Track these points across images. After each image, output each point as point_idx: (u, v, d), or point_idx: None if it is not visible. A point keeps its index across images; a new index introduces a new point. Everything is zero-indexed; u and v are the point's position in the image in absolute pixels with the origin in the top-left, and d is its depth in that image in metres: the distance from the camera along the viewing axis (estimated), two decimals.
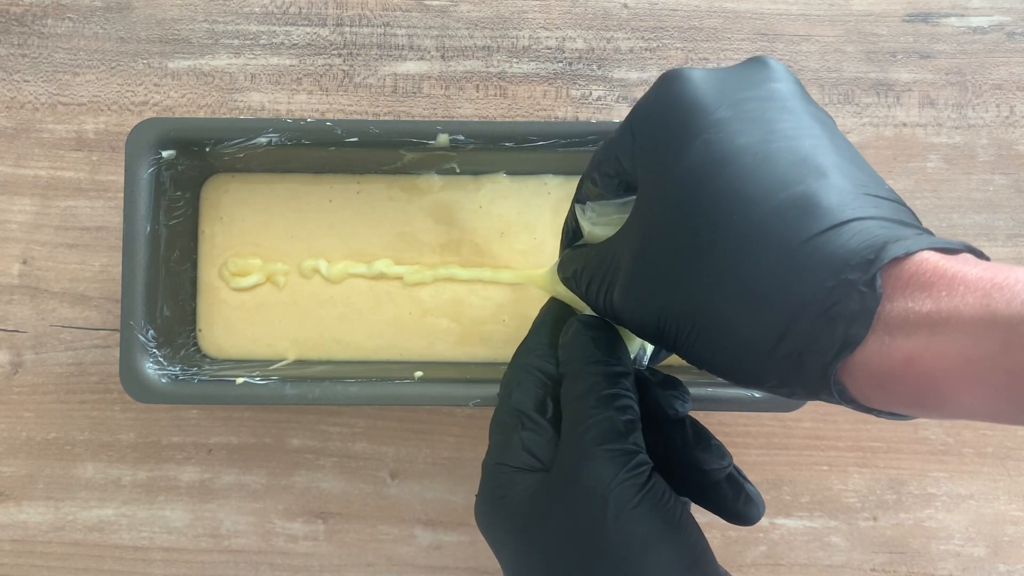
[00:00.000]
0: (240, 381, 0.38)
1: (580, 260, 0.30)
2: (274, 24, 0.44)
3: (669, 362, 0.38)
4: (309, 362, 0.41)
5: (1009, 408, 0.20)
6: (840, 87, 0.44)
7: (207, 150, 0.39)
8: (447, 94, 0.44)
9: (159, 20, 0.44)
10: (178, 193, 0.40)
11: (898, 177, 0.43)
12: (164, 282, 0.39)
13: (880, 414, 0.23)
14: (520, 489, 0.28)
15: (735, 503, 0.29)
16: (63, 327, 0.43)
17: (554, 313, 0.33)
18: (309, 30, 0.44)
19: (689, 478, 0.29)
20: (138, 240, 0.37)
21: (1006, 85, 0.44)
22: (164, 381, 0.38)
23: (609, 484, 0.26)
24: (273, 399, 0.37)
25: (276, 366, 0.40)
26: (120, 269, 0.38)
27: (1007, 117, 0.44)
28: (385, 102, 0.44)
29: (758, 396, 0.37)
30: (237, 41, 0.44)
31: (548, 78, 0.44)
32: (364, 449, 0.43)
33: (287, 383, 0.38)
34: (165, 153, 0.38)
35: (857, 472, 0.43)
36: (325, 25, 0.44)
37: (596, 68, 0.44)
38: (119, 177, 0.43)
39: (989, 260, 0.22)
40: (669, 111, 0.26)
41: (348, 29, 0.44)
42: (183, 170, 0.40)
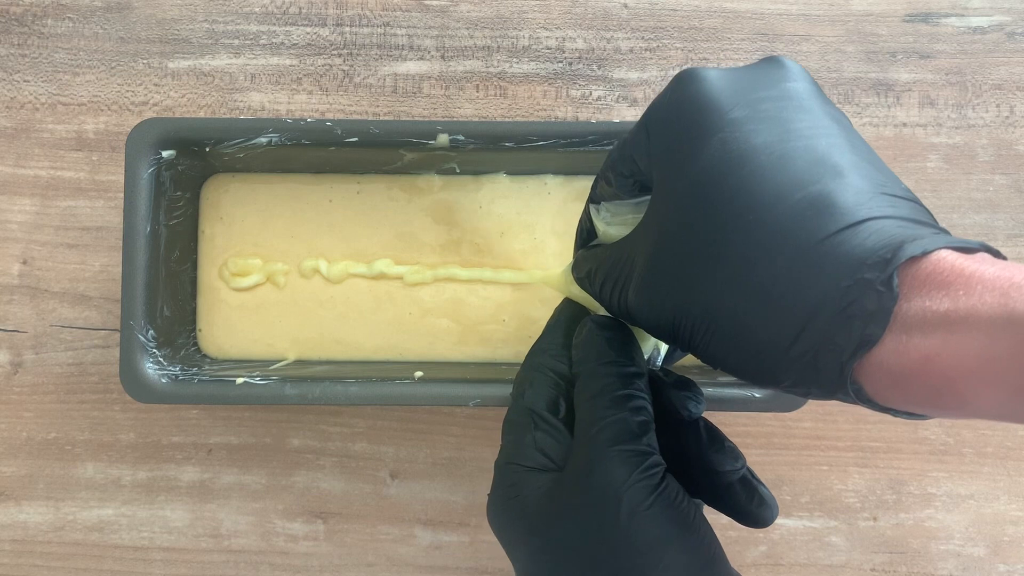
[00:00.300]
0: (240, 381, 0.38)
1: (594, 260, 0.30)
2: (274, 24, 0.44)
3: (680, 363, 0.38)
4: (309, 362, 0.41)
5: None
6: (840, 87, 0.44)
7: (207, 150, 0.39)
8: (447, 94, 0.44)
9: (159, 20, 0.44)
10: (178, 193, 0.40)
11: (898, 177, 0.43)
12: (164, 282, 0.39)
13: (897, 414, 0.23)
14: (533, 489, 0.28)
15: (748, 505, 0.29)
16: (63, 327, 0.43)
17: (568, 313, 0.33)
18: (309, 30, 0.44)
19: (702, 479, 0.29)
20: (138, 240, 0.37)
21: (1006, 85, 0.44)
22: (164, 381, 0.38)
23: (622, 485, 0.26)
24: (273, 399, 0.37)
25: (276, 366, 0.40)
26: (120, 269, 0.38)
27: (1007, 117, 0.44)
28: (385, 102, 0.44)
29: (758, 396, 0.37)
30: (237, 41, 0.44)
31: (548, 78, 0.44)
32: (364, 449, 0.43)
33: (287, 383, 0.38)
34: (165, 153, 0.38)
35: (857, 472, 0.43)
36: (325, 25, 0.44)
37: (596, 68, 0.44)
38: (119, 177, 0.43)
39: (1006, 259, 0.22)
40: (684, 111, 0.26)
41: (348, 29, 0.44)
42: (183, 170, 0.40)
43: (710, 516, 0.30)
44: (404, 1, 0.44)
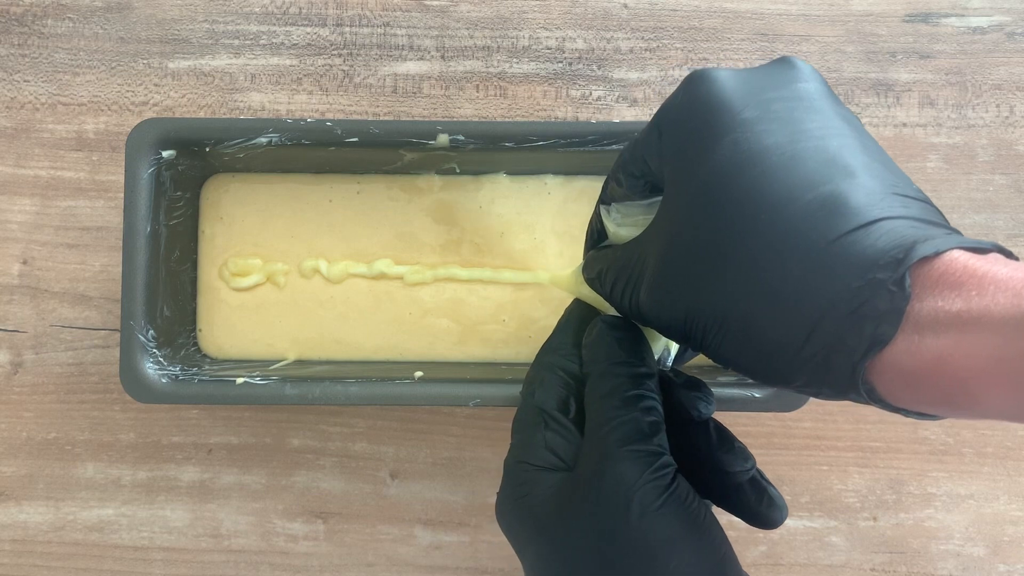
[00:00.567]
0: (240, 381, 0.38)
1: (605, 261, 0.30)
2: (274, 24, 0.44)
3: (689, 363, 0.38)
4: (309, 362, 0.41)
5: None
6: (840, 87, 0.44)
7: (207, 150, 0.39)
8: (447, 94, 0.44)
9: (159, 20, 0.44)
10: (178, 193, 0.40)
11: None
12: (164, 282, 0.39)
13: (909, 414, 0.23)
14: (543, 488, 0.28)
15: (758, 506, 0.29)
16: (63, 327, 0.43)
17: (578, 313, 0.33)
18: (309, 30, 0.44)
19: (712, 480, 0.29)
20: (138, 240, 0.37)
21: (1006, 85, 0.44)
22: (164, 381, 0.38)
23: (633, 485, 0.26)
24: (273, 399, 0.37)
25: (276, 366, 0.40)
26: (120, 269, 0.38)
27: (1007, 117, 0.44)
28: (385, 102, 0.44)
29: (758, 396, 0.37)
30: (237, 41, 0.44)
31: (548, 78, 0.44)
32: (364, 449, 0.43)
33: (287, 383, 0.38)
34: (165, 153, 0.38)
35: (857, 472, 0.43)
36: (325, 25, 0.44)
37: (596, 68, 0.44)
38: (119, 177, 0.43)
39: (1018, 260, 0.22)
40: (696, 111, 0.26)
41: (348, 29, 0.44)
42: (183, 170, 0.40)
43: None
44: (404, 1, 0.44)
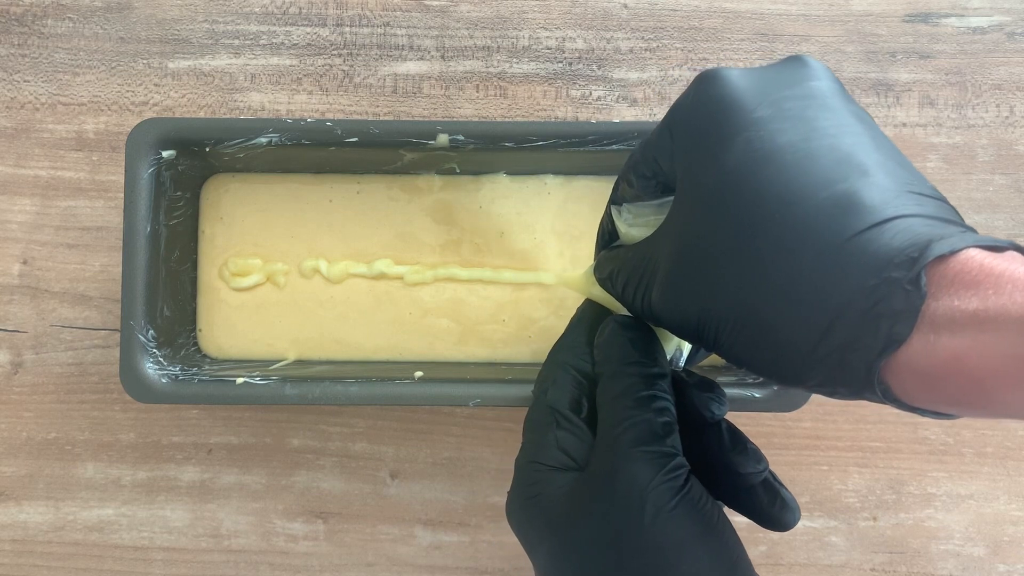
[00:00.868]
0: (240, 381, 0.38)
1: (617, 261, 0.30)
2: (274, 24, 0.44)
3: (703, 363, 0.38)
4: (309, 362, 0.41)
5: None
6: None
7: (207, 150, 0.39)
8: (447, 94, 0.44)
9: (159, 20, 0.44)
10: (178, 193, 0.40)
11: None
12: (164, 282, 0.39)
13: (924, 413, 0.23)
14: (555, 488, 0.28)
15: (770, 508, 0.29)
16: (63, 327, 0.43)
17: (590, 313, 0.33)
18: (309, 30, 0.44)
19: (724, 481, 0.29)
20: (138, 240, 0.37)
21: (1006, 85, 0.44)
22: (164, 381, 0.38)
23: (647, 486, 0.26)
24: (273, 399, 0.37)
25: (276, 366, 0.40)
26: (120, 269, 0.38)
27: (1007, 117, 0.44)
28: (385, 102, 0.44)
29: (758, 396, 0.37)
30: (237, 41, 0.44)
31: (548, 78, 0.44)
32: (364, 449, 0.43)
33: (287, 383, 0.38)
34: (165, 153, 0.38)
35: (857, 472, 0.43)
36: (325, 25, 0.44)
37: (596, 68, 0.44)
38: (119, 177, 0.43)
39: None
40: (708, 111, 0.26)
41: (348, 29, 0.44)
42: (183, 170, 0.40)
43: None
44: (404, 1, 0.44)
